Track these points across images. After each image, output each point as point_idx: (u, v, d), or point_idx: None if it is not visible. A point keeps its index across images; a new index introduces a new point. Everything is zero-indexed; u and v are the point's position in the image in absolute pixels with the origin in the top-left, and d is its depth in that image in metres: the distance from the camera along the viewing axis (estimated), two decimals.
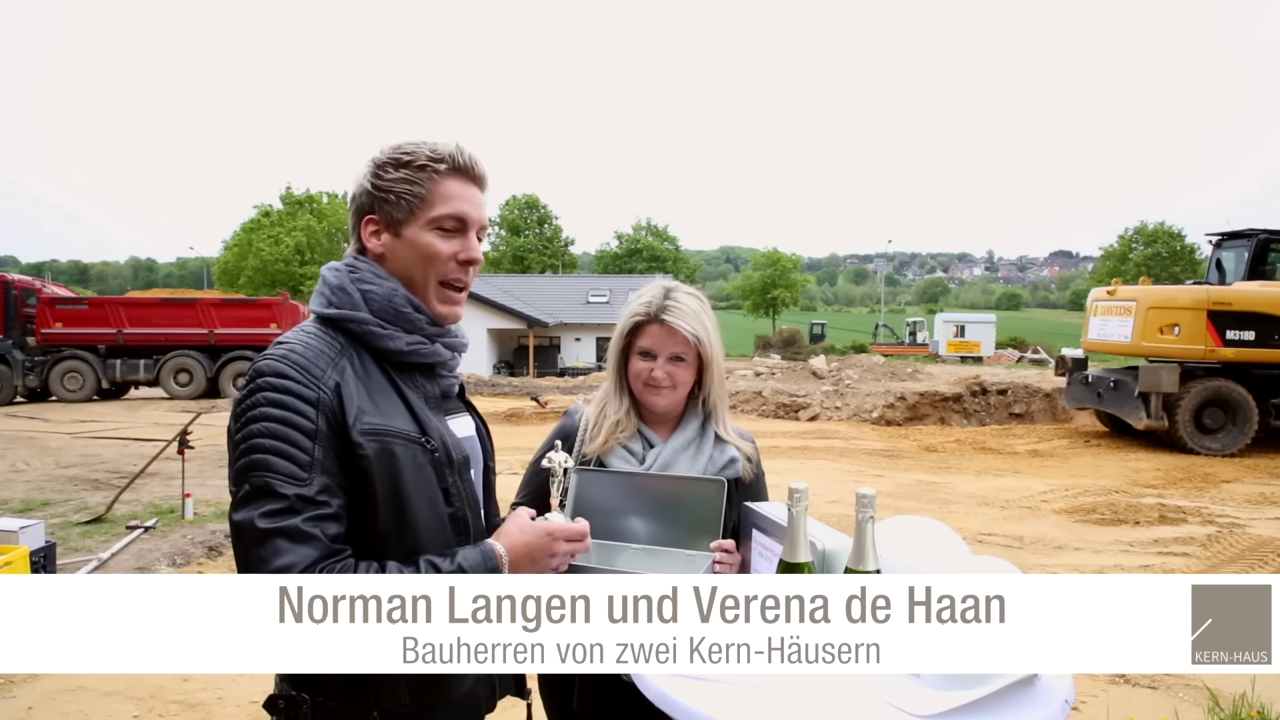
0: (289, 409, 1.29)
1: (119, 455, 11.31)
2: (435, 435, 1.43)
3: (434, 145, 1.46)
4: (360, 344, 1.43)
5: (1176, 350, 12.87)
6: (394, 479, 1.35)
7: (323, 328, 1.43)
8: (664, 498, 1.94)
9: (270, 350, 1.37)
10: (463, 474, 1.48)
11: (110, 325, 19.71)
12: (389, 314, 1.44)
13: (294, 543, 1.23)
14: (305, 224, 47.97)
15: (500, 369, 34.44)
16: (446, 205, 1.46)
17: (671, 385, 1.98)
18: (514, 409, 17.21)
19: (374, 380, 1.41)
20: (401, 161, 1.45)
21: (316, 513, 1.26)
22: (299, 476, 1.26)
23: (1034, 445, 13.83)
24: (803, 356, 29.12)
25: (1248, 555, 7.14)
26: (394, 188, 1.44)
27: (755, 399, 18.12)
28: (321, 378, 1.33)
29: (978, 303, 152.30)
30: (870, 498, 1.48)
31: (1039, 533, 7.91)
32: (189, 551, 6.62)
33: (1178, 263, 51.93)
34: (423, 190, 1.45)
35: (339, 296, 1.44)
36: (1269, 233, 13.80)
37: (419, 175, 1.45)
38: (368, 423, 1.34)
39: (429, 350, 1.48)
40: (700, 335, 1.94)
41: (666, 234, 60.99)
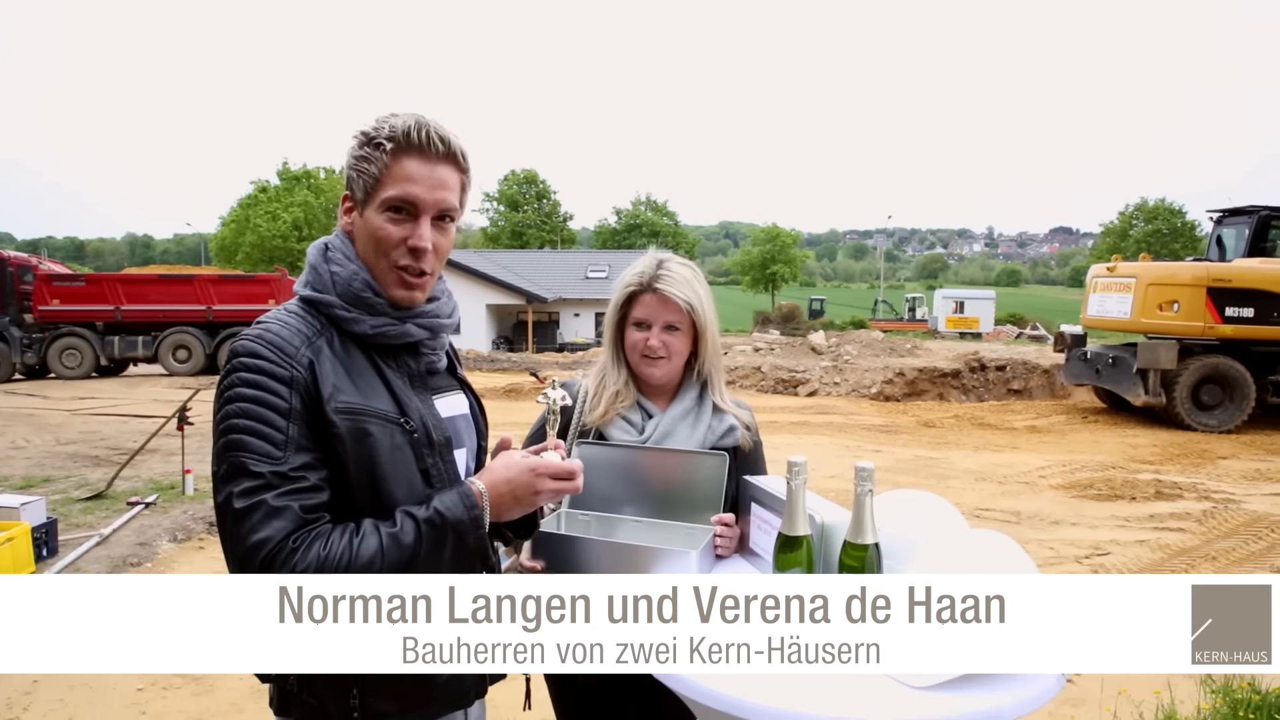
0: (262, 389, 1.29)
1: (119, 432, 11.33)
2: (415, 415, 1.42)
3: (394, 121, 1.39)
4: (337, 323, 1.42)
5: (1175, 327, 12.86)
6: (369, 459, 1.35)
7: (304, 307, 1.43)
8: (665, 471, 1.95)
9: (248, 331, 1.36)
10: (444, 455, 1.46)
11: (108, 302, 19.65)
12: (349, 297, 1.42)
13: (268, 518, 1.23)
14: (302, 199, 47.73)
15: (499, 345, 34.40)
16: (395, 186, 1.39)
17: (667, 355, 1.99)
18: (513, 384, 17.21)
19: (353, 359, 1.40)
20: (368, 138, 1.40)
21: (291, 487, 1.26)
22: (273, 455, 1.26)
23: (1032, 421, 13.86)
24: (802, 332, 29.13)
25: (1242, 531, 7.18)
26: (359, 166, 1.40)
27: (754, 374, 18.13)
28: (295, 356, 1.32)
29: (977, 279, 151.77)
30: (869, 471, 1.49)
31: (1036, 508, 7.95)
32: (190, 527, 6.65)
33: (1178, 239, 51.84)
34: (377, 170, 1.39)
35: (312, 276, 1.44)
36: (1270, 209, 13.74)
37: (375, 154, 1.39)
38: (342, 401, 1.33)
39: (398, 332, 1.45)
40: (693, 303, 1.96)
41: (666, 209, 60.79)
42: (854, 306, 60.67)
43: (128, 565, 5.79)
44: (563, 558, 1.80)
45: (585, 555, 1.78)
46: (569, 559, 1.80)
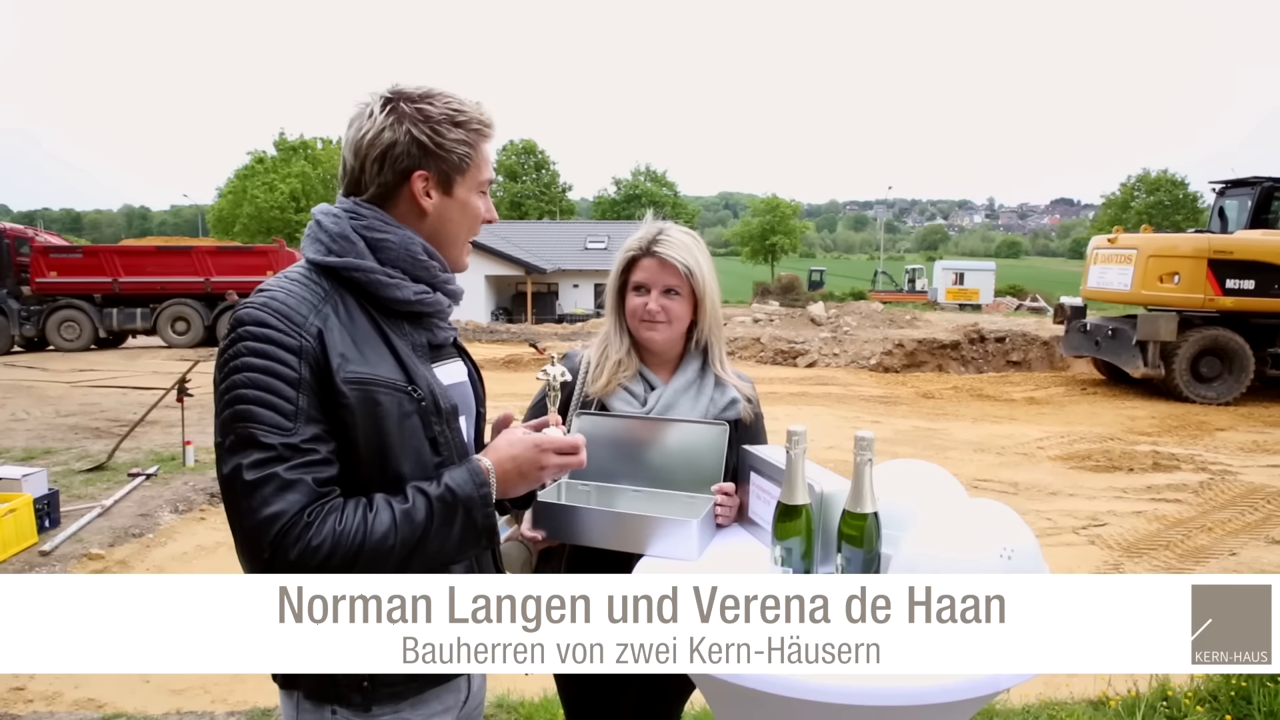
0: (271, 358, 1.27)
1: (119, 404, 11.34)
2: (423, 383, 1.41)
3: (479, 108, 1.46)
4: (350, 290, 1.40)
5: (1176, 299, 12.83)
6: (378, 429, 1.34)
7: (309, 273, 1.40)
8: (666, 441, 1.95)
9: (251, 298, 1.33)
10: (451, 423, 1.45)
11: (106, 274, 19.56)
12: (404, 262, 1.42)
13: (281, 491, 1.22)
14: (300, 170, 47.37)
15: (498, 316, 34.37)
16: (488, 170, 1.50)
17: (667, 320, 1.99)
18: (512, 355, 17.21)
19: (359, 327, 1.38)
20: (457, 120, 1.42)
21: (303, 460, 1.25)
22: (284, 426, 1.25)
23: (1031, 393, 13.88)
24: (801, 303, 29.08)
25: (1239, 502, 7.22)
26: (455, 149, 1.42)
27: (753, 345, 18.13)
28: (304, 325, 1.30)
29: (977, 250, 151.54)
30: (869, 441, 1.49)
31: (1034, 479, 7.99)
32: (191, 498, 6.68)
33: (1180, 211, 51.54)
34: (473, 153, 1.46)
35: (340, 244, 1.40)
36: (1273, 180, 13.64)
37: (472, 137, 1.45)
38: (351, 371, 1.32)
39: (433, 299, 1.46)
40: (692, 267, 1.96)
41: (665, 180, 60.34)
42: (853, 278, 60.48)
43: (129, 536, 5.82)
44: (563, 527, 1.81)
45: (585, 525, 1.79)
46: (569, 529, 1.80)
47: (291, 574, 1.22)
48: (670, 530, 1.72)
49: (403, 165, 1.41)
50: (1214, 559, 5.81)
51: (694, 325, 2.05)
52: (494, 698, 3.54)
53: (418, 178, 1.42)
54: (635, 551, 1.74)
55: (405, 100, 1.41)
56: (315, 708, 1.37)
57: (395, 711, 1.39)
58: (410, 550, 1.30)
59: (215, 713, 3.58)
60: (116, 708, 3.61)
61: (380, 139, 1.40)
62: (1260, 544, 6.15)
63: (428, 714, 1.43)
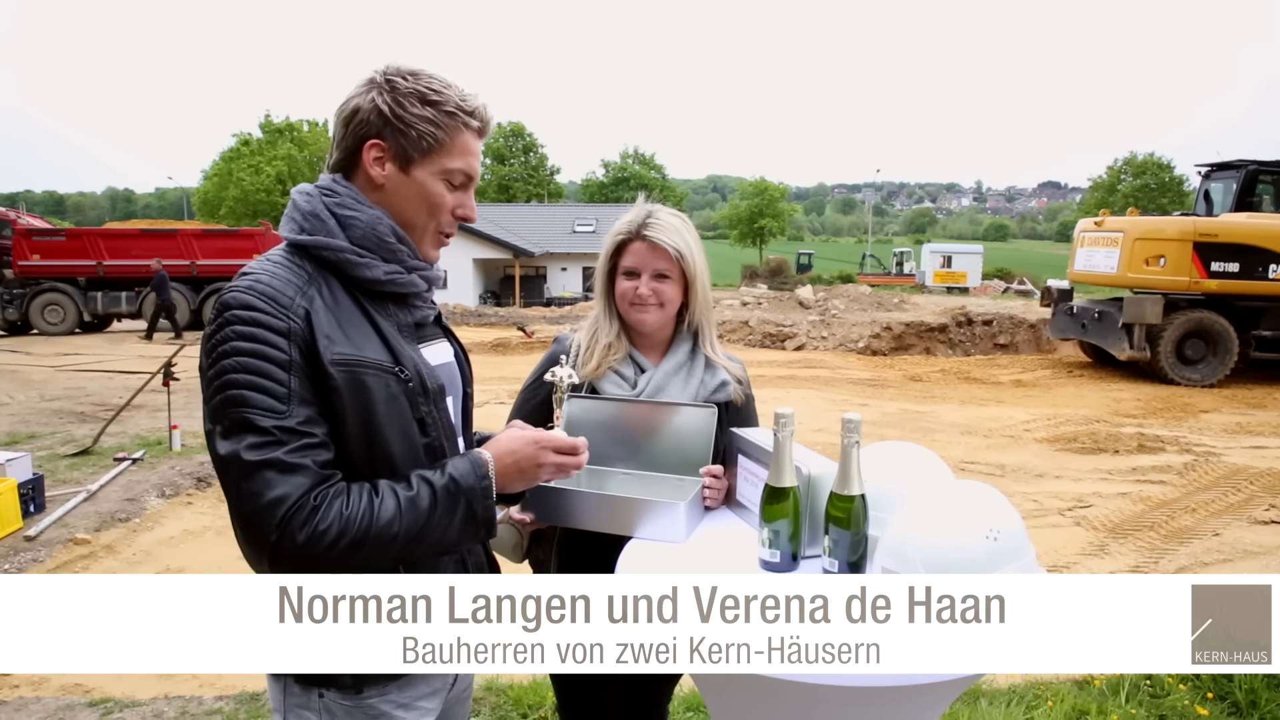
0: (260, 341, 1.26)
1: (104, 388, 11.26)
2: (409, 364, 1.40)
3: (465, 95, 1.42)
4: (331, 272, 1.39)
5: (1161, 281, 12.90)
6: (365, 410, 1.33)
7: (290, 255, 1.39)
8: (655, 424, 1.96)
9: (235, 281, 1.32)
10: (438, 403, 1.45)
11: (89, 257, 19.34)
12: (371, 242, 1.40)
13: (284, 474, 1.22)
14: (286, 153, 47.00)
15: (486, 299, 34.27)
16: (462, 160, 1.43)
17: (658, 303, 1.98)
18: (500, 339, 17.18)
19: (344, 309, 1.37)
20: (429, 99, 1.38)
21: (302, 443, 1.25)
22: (277, 409, 1.24)
23: (1018, 375, 13.95)
24: (789, 286, 29.07)
25: (1222, 484, 7.30)
26: (417, 125, 1.38)
27: (742, 328, 18.15)
28: (290, 307, 1.29)
29: (965, 233, 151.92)
30: (856, 423, 1.49)
31: (1020, 461, 8.04)
32: (177, 483, 6.65)
33: (1166, 194, 51.77)
34: (444, 136, 1.40)
35: (311, 223, 1.39)
36: (1258, 164, 13.70)
37: (445, 120, 1.40)
38: (338, 353, 1.31)
39: (405, 280, 1.44)
40: (682, 250, 1.96)
41: (653, 163, 60.23)
42: (842, 261, 60.52)
43: (116, 521, 5.79)
44: (552, 510, 1.81)
45: (575, 507, 1.79)
46: (559, 511, 1.80)
47: (297, 558, 1.22)
48: (658, 513, 1.72)
49: (360, 132, 1.40)
50: (1197, 540, 5.87)
51: (685, 308, 2.05)
52: (483, 680, 3.55)
53: (370, 146, 1.40)
54: (624, 534, 1.74)
55: (388, 74, 1.40)
56: (303, 691, 1.37)
57: (383, 694, 1.39)
58: (412, 538, 1.30)
59: (203, 697, 3.57)
60: (103, 693, 3.60)
61: (348, 105, 1.41)
62: (1243, 524, 6.21)
63: (415, 696, 1.44)
